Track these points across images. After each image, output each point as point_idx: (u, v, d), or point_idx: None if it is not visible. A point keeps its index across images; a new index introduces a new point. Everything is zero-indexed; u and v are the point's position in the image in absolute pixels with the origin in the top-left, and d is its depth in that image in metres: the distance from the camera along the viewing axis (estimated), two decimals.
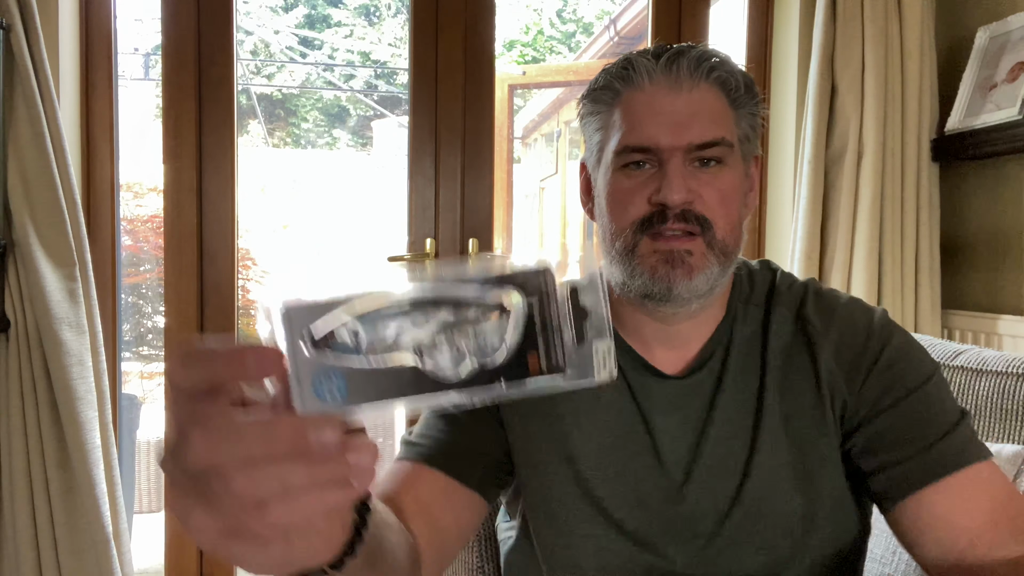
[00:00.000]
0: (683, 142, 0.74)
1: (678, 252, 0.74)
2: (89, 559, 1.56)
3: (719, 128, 0.75)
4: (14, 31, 1.46)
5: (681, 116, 0.74)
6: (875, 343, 0.78)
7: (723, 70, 0.76)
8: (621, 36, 4.38)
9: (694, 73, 0.75)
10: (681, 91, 0.75)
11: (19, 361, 1.52)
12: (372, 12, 7.52)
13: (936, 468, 0.72)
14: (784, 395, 0.78)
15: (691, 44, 0.78)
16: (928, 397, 0.75)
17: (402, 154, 4.41)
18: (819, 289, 0.84)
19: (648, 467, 0.79)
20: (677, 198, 0.73)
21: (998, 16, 1.75)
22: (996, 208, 1.78)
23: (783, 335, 0.80)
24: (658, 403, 0.80)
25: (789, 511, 0.77)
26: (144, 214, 3.21)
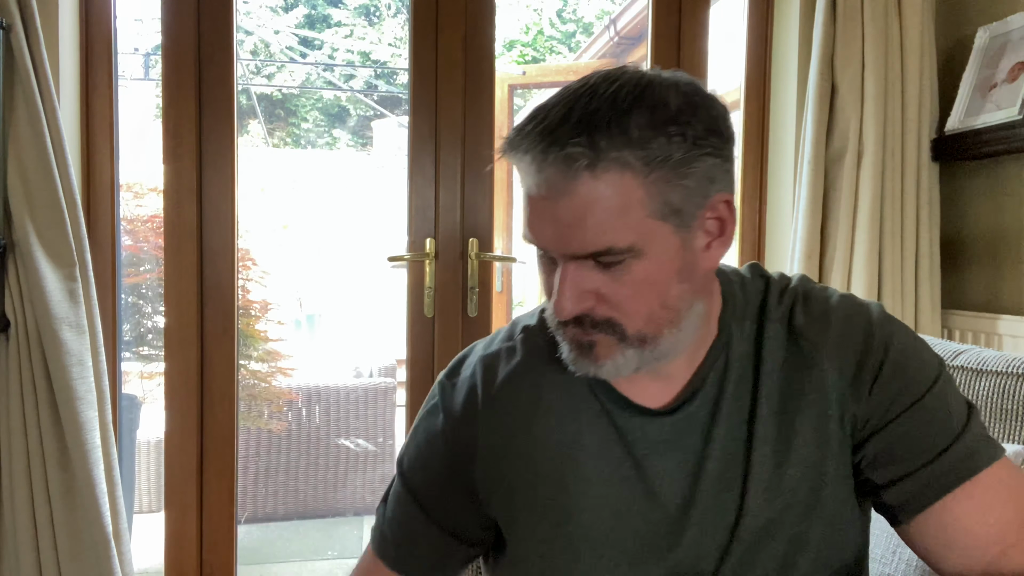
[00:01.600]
0: (565, 251, 0.66)
1: (585, 342, 0.69)
2: (89, 559, 1.56)
3: (606, 234, 0.64)
4: (14, 31, 1.46)
5: (562, 222, 0.64)
6: (877, 348, 0.73)
7: (613, 154, 0.62)
8: (621, 36, 4.37)
9: (568, 174, 0.63)
10: (557, 196, 0.64)
11: (19, 361, 1.52)
12: (372, 12, 7.52)
13: (951, 477, 0.69)
14: (783, 419, 0.73)
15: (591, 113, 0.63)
16: (936, 401, 0.72)
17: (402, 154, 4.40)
18: (809, 292, 0.77)
19: (644, 511, 0.75)
20: (565, 312, 0.67)
21: (998, 16, 1.75)
22: (996, 208, 1.78)
23: (777, 352, 0.74)
24: (651, 444, 0.75)
25: (790, 539, 0.73)
26: (144, 214, 3.21)
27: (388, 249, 1.91)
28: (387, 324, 4.79)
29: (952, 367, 1.12)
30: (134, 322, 3.38)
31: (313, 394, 3.44)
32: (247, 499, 3.31)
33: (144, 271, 3.41)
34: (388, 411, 3.52)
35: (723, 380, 0.75)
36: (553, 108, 0.65)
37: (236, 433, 1.84)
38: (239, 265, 1.87)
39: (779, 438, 0.73)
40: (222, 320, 1.80)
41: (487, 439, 0.80)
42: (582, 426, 0.77)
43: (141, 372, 3.30)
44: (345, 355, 4.88)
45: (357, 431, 3.48)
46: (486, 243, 1.88)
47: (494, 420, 0.80)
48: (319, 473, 3.43)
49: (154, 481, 3.32)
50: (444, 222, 1.87)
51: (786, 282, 0.79)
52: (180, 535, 1.81)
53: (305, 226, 5.56)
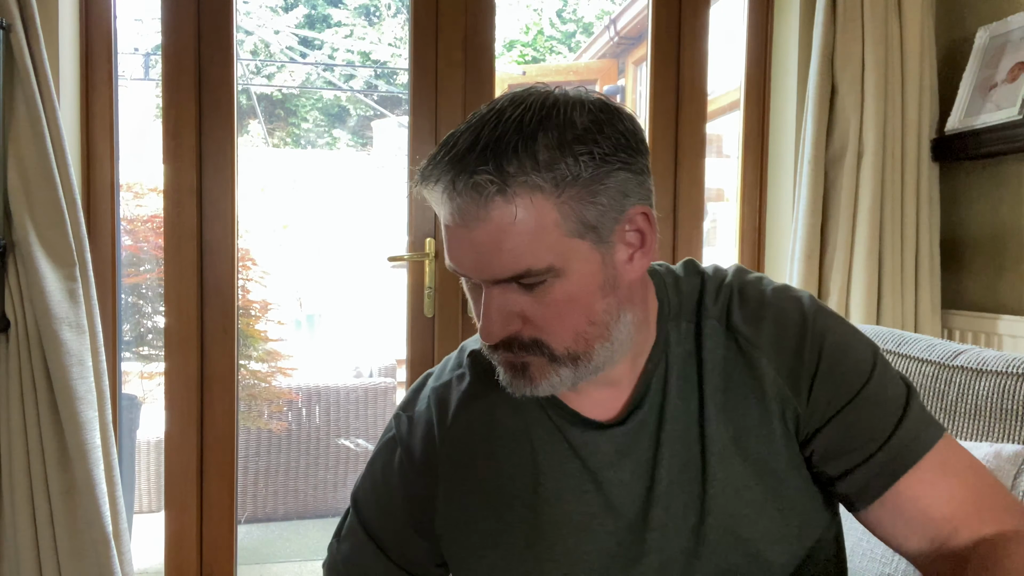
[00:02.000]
0: (486, 277, 0.67)
1: (517, 363, 0.70)
2: (89, 559, 1.56)
3: (523, 257, 0.64)
4: (14, 31, 1.46)
5: (480, 249, 0.65)
6: (812, 345, 0.73)
7: (524, 174, 0.62)
8: (621, 36, 4.38)
9: (479, 202, 0.63)
10: (472, 224, 0.64)
11: (19, 361, 1.52)
12: (372, 12, 7.52)
13: (899, 462, 0.71)
14: (729, 416, 0.74)
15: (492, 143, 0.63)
16: (875, 390, 0.73)
17: (402, 154, 4.41)
18: (744, 287, 0.77)
19: (606, 526, 0.75)
20: (492, 336, 0.68)
21: (998, 16, 1.75)
22: (996, 208, 1.78)
23: (717, 350, 0.75)
24: (604, 456, 0.75)
25: (757, 534, 0.74)
26: (144, 214, 3.21)
27: (388, 249, 1.91)
28: (387, 324, 4.80)
29: (952, 367, 1.12)
30: (134, 322, 3.38)
31: (313, 394, 3.44)
32: (247, 499, 3.31)
33: (144, 271, 3.41)
34: (388, 411, 3.52)
35: (666, 383, 0.75)
36: (461, 136, 0.66)
37: (236, 433, 1.84)
38: (239, 265, 1.87)
39: (729, 435, 0.74)
40: (222, 320, 1.80)
41: (447, 476, 0.81)
42: (537, 446, 0.77)
43: (141, 372, 3.30)
44: (345, 355, 4.87)
45: (357, 431, 3.48)
46: None
47: (453, 455, 0.81)
48: (319, 473, 3.43)
49: (154, 481, 3.32)
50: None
51: (722, 276, 0.79)
52: (180, 535, 1.81)
53: (305, 226, 5.56)
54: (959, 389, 1.10)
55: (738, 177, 2.07)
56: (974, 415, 1.08)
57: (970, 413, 1.08)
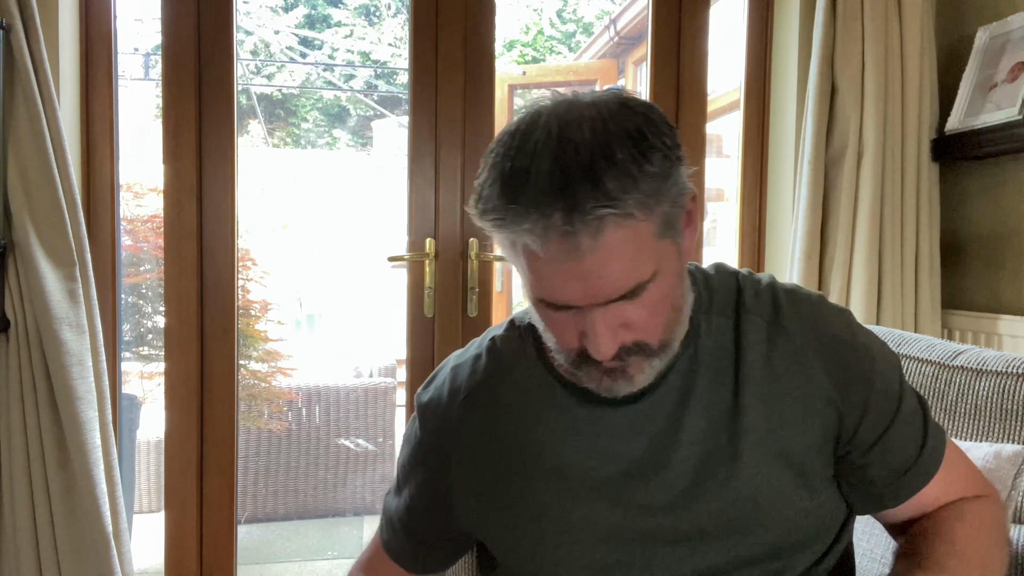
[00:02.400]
0: (598, 301, 0.67)
1: (617, 368, 0.71)
2: (89, 559, 1.56)
3: (634, 272, 0.66)
4: (14, 31, 1.46)
5: (590, 276, 0.65)
6: (863, 358, 0.78)
7: (631, 200, 0.63)
8: (621, 36, 4.37)
9: (597, 233, 0.63)
10: (583, 256, 0.63)
11: (19, 361, 1.52)
12: (372, 12, 7.52)
13: (926, 474, 0.81)
14: (770, 410, 0.75)
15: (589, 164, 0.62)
16: (906, 409, 0.80)
17: (402, 154, 4.41)
18: (788, 291, 0.81)
19: (614, 501, 0.77)
20: (604, 354, 0.69)
21: (998, 16, 1.75)
22: (996, 208, 1.78)
23: (759, 345, 0.77)
24: (616, 431, 0.77)
25: (778, 524, 0.75)
26: (144, 214, 3.21)
27: (388, 249, 1.91)
28: (387, 324, 4.79)
29: (952, 367, 1.12)
30: (134, 322, 3.38)
31: (313, 394, 3.44)
32: (247, 499, 3.31)
33: (144, 271, 3.41)
34: (388, 411, 3.52)
35: (693, 369, 0.77)
36: (540, 169, 0.63)
37: (236, 433, 1.84)
38: (239, 265, 1.87)
39: (767, 427, 0.75)
40: (222, 320, 1.80)
41: (459, 447, 0.83)
42: (547, 423, 0.79)
43: (141, 372, 3.30)
44: (345, 355, 4.87)
45: (357, 431, 3.48)
46: (486, 243, 1.88)
47: (465, 428, 0.83)
48: (319, 473, 3.42)
49: (154, 481, 3.32)
50: (444, 222, 1.87)
51: (759, 278, 0.82)
52: (180, 535, 1.81)
53: (305, 226, 5.55)
54: (959, 389, 1.10)
55: (738, 177, 2.07)
56: (974, 415, 1.08)
57: (970, 413, 1.08)
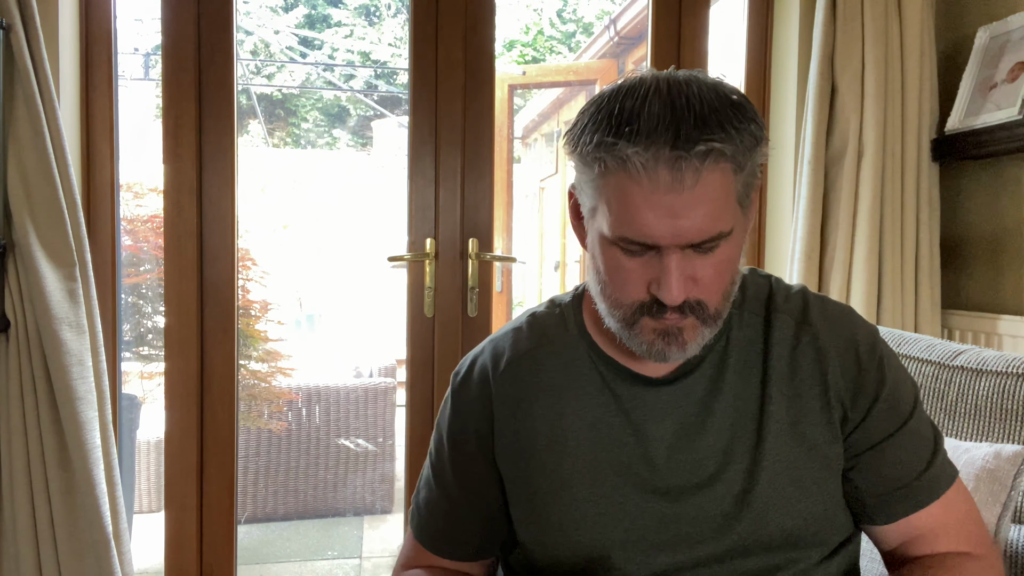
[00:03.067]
0: (683, 241, 0.70)
1: (673, 329, 0.74)
2: (89, 559, 1.56)
3: (720, 220, 0.70)
4: (14, 31, 1.46)
5: (682, 213, 0.68)
6: (877, 368, 0.80)
7: (730, 149, 0.68)
8: (621, 36, 4.37)
9: (699, 169, 0.67)
10: (683, 189, 0.67)
11: (19, 361, 1.52)
12: (372, 12, 7.52)
13: (928, 494, 0.81)
14: (792, 401, 0.79)
15: (702, 111, 0.67)
16: (915, 426, 0.82)
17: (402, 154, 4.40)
18: (819, 297, 0.85)
19: (643, 479, 0.80)
20: (676, 298, 0.71)
21: (998, 16, 1.75)
22: (996, 208, 1.78)
23: (786, 342, 0.81)
24: (650, 410, 0.81)
25: (795, 513, 0.78)
26: (144, 214, 3.21)
27: (388, 249, 1.91)
28: (387, 324, 4.79)
29: (952, 367, 1.12)
30: (134, 322, 3.38)
31: (313, 394, 3.44)
32: (247, 499, 3.31)
33: (144, 271, 3.41)
34: (388, 411, 3.52)
35: (724, 360, 0.81)
36: (651, 110, 0.67)
37: (236, 433, 1.84)
38: (239, 265, 1.87)
39: (790, 419, 0.79)
40: (222, 320, 1.80)
41: (500, 417, 0.85)
42: (583, 398, 0.82)
43: (141, 372, 3.30)
44: (345, 355, 4.87)
45: (357, 431, 3.48)
46: (486, 243, 1.88)
47: (503, 396, 0.85)
48: (319, 473, 3.42)
49: (154, 481, 3.32)
50: (444, 222, 1.87)
51: (789, 284, 0.87)
52: (180, 535, 1.81)
53: (305, 226, 5.55)
54: (959, 389, 1.10)
55: None
56: (974, 415, 1.08)
57: (970, 413, 1.08)
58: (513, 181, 3.93)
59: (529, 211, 5.75)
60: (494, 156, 1.89)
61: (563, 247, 4.88)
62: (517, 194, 5.05)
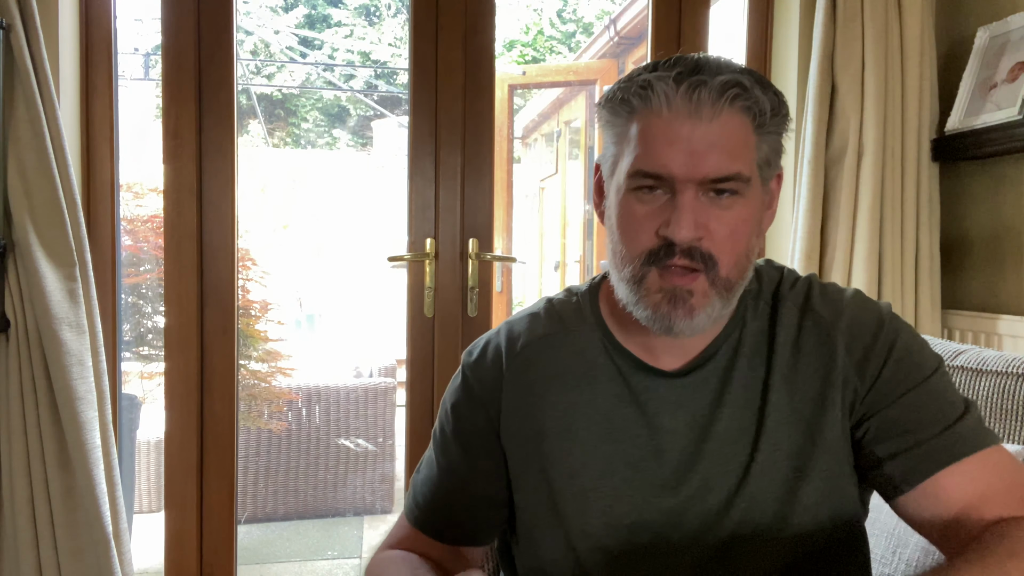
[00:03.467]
0: (698, 175, 0.72)
1: (680, 291, 0.74)
2: (89, 559, 1.56)
3: (737, 162, 0.72)
4: (14, 31, 1.46)
5: (698, 146, 0.71)
6: (885, 336, 0.79)
7: (748, 97, 0.72)
8: (621, 36, 4.38)
9: (716, 102, 0.71)
10: (701, 120, 0.71)
11: (19, 361, 1.52)
12: (372, 12, 7.52)
13: (952, 451, 0.75)
14: (792, 387, 0.79)
15: (723, 64, 0.74)
16: (937, 386, 0.78)
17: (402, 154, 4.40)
18: (822, 283, 0.85)
19: (652, 468, 0.80)
20: (684, 236, 0.72)
21: (998, 16, 1.75)
22: (996, 208, 1.78)
23: (790, 328, 0.81)
24: (662, 402, 0.81)
25: (795, 501, 0.78)
26: (144, 214, 3.21)
27: (388, 249, 1.91)
28: (387, 324, 4.80)
29: (952, 367, 1.12)
30: (134, 322, 3.38)
31: (313, 394, 3.44)
32: (247, 499, 3.31)
33: (144, 271, 3.41)
34: (388, 411, 3.52)
35: (736, 352, 0.81)
36: (691, 57, 0.74)
37: (236, 433, 1.84)
38: (239, 265, 1.87)
39: (791, 405, 0.79)
40: (222, 320, 1.80)
41: (509, 397, 0.85)
42: (597, 387, 0.82)
43: (141, 372, 3.30)
44: (345, 355, 4.87)
45: (357, 431, 3.48)
46: (486, 243, 1.88)
47: (516, 380, 0.85)
48: (319, 473, 3.42)
49: (154, 481, 3.32)
50: (444, 222, 1.87)
51: (799, 274, 0.87)
52: (180, 535, 1.81)
53: (305, 226, 5.56)
54: (959, 389, 1.10)
55: None
56: None
57: None
58: (513, 181, 3.93)
59: (529, 211, 5.75)
60: (494, 156, 1.89)
61: (563, 247, 4.88)
62: (517, 194, 5.05)
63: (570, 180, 4.76)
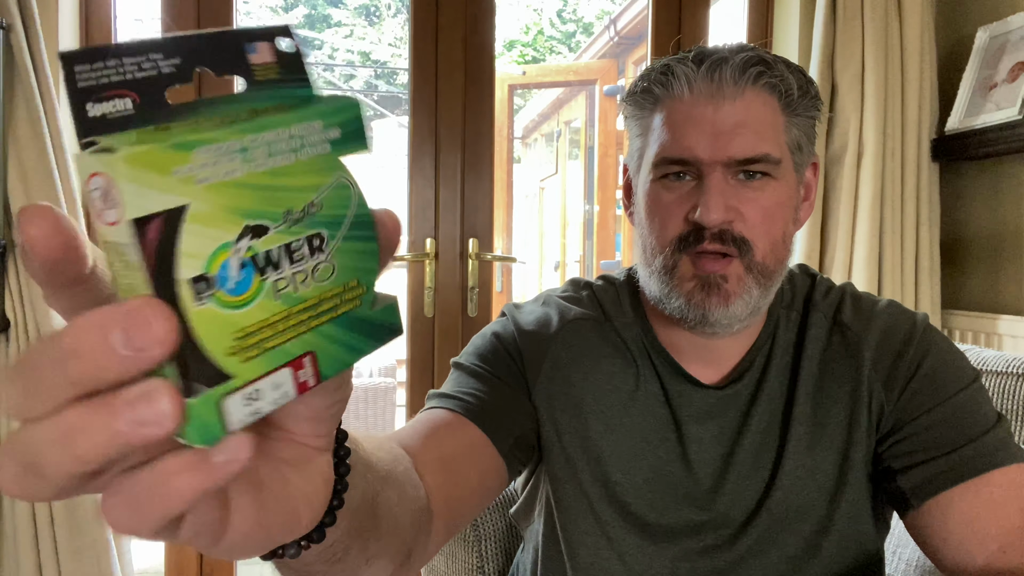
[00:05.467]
0: (723, 156, 0.69)
1: (714, 278, 0.71)
2: (89, 559, 1.56)
3: (764, 142, 0.70)
4: (14, 31, 1.46)
5: (723, 127, 0.69)
6: (915, 350, 0.76)
7: (772, 75, 0.71)
8: (621, 36, 4.38)
9: (739, 80, 0.70)
10: (724, 100, 0.70)
11: None
12: (372, 12, 7.52)
13: (968, 467, 0.69)
14: (818, 402, 0.77)
15: (744, 46, 0.72)
16: (966, 402, 0.73)
17: (402, 154, 4.43)
18: (856, 293, 0.82)
19: (677, 474, 0.78)
20: (714, 218, 0.69)
21: (998, 16, 1.75)
22: (996, 208, 1.78)
23: (819, 340, 0.79)
24: (694, 411, 0.79)
25: (813, 519, 0.76)
26: None
27: None
28: None
29: None
30: None
31: None
32: None
33: None
34: (388, 411, 3.52)
35: (768, 363, 0.79)
36: (714, 47, 0.73)
37: None
38: None
39: (813, 420, 0.77)
40: None
41: (548, 368, 0.80)
42: (637, 382, 0.80)
43: None
44: None
45: (357, 431, 3.48)
46: (486, 243, 1.88)
47: (560, 352, 0.81)
48: None
49: None
50: (444, 222, 1.87)
51: (831, 282, 0.85)
52: None
53: None
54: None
55: None
56: None
57: None
58: (513, 181, 3.93)
59: (529, 211, 5.75)
60: (494, 156, 1.89)
61: (563, 247, 4.89)
62: (517, 194, 5.05)
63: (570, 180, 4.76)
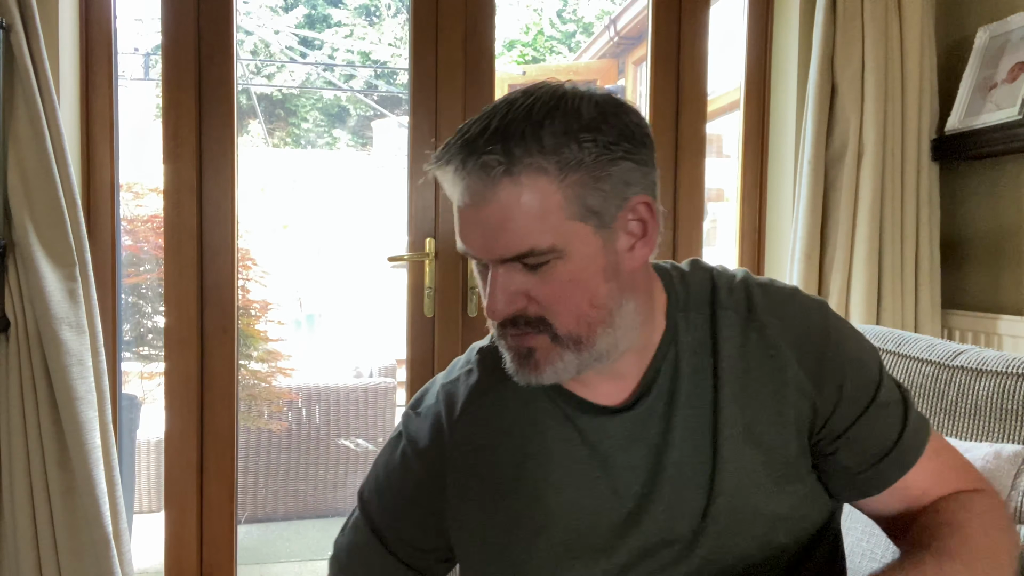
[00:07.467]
0: (494, 255, 0.69)
1: (523, 350, 0.72)
2: (89, 559, 1.56)
3: (528, 237, 0.67)
4: (14, 31, 1.46)
5: (487, 227, 0.68)
6: (835, 343, 0.78)
7: (525, 159, 0.66)
8: (621, 36, 4.38)
9: (486, 181, 0.67)
10: (483, 203, 0.68)
11: (19, 361, 1.52)
12: (372, 12, 7.53)
13: (907, 458, 0.78)
14: (745, 403, 0.76)
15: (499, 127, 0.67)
16: (884, 397, 0.79)
17: (402, 154, 4.41)
18: (762, 284, 0.80)
19: (616, 508, 0.77)
20: (498, 312, 0.70)
21: (998, 16, 1.75)
22: (996, 208, 1.78)
23: (734, 339, 0.77)
24: (614, 441, 0.77)
25: (762, 519, 0.76)
26: (144, 214, 3.21)
27: (388, 249, 1.91)
28: (387, 324, 4.80)
29: (952, 367, 1.12)
30: (134, 322, 3.38)
31: (313, 394, 3.44)
32: (247, 499, 3.31)
33: (144, 271, 3.41)
34: (388, 411, 3.52)
35: (676, 371, 0.77)
36: (474, 123, 0.69)
37: (236, 433, 1.84)
38: (239, 265, 1.87)
39: (744, 421, 0.76)
40: (222, 320, 1.80)
41: (456, 465, 0.82)
42: (547, 434, 0.79)
43: (141, 372, 3.30)
44: (345, 355, 4.87)
45: (357, 431, 3.48)
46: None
47: (462, 446, 0.82)
48: (319, 473, 3.42)
49: (154, 481, 3.32)
50: (444, 222, 1.87)
51: (732, 273, 0.83)
52: (180, 535, 1.81)
53: (305, 226, 5.56)
54: (959, 389, 1.10)
55: (738, 177, 2.07)
56: (974, 415, 1.08)
57: (970, 413, 1.08)
58: None
59: None
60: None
61: None
62: None
63: None
